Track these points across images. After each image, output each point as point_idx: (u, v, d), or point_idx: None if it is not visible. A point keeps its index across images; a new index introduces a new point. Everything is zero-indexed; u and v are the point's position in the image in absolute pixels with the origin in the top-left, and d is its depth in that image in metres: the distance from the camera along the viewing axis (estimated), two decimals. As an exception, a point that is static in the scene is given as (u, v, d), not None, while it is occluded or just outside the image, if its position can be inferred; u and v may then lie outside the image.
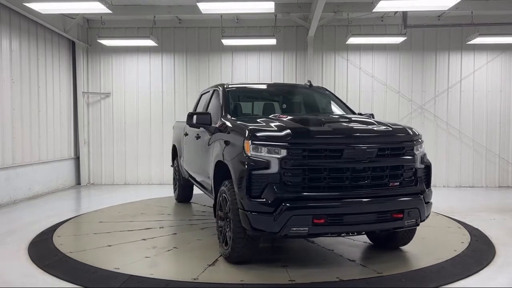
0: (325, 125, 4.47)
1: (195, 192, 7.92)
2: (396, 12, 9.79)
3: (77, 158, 10.89)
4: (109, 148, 11.02)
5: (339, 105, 6.11)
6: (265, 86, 6.93)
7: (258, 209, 3.97)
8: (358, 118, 5.02)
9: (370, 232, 4.75)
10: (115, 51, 10.83)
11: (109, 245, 5.25)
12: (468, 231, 5.99)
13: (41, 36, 9.43)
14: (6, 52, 8.26)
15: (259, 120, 4.82)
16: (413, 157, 4.37)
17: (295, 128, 4.26)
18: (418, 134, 4.57)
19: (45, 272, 4.42)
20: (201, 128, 5.78)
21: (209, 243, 5.34)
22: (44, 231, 6.03)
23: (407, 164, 4.32)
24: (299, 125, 4.39)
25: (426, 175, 4.51)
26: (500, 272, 4.48)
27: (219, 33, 10.12)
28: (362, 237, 5.42)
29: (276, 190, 3.94)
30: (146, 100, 10.91)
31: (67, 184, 10.47)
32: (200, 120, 5.47)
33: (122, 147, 10.99)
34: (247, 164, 4.06)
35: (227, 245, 4.48)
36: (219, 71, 10.81)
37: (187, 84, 10.86)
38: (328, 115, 5.66)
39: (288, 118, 4.68)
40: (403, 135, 4.46)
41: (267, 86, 6.90)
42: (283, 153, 4.00)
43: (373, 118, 5.31)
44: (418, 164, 4.43)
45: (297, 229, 3.92)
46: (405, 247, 5.10)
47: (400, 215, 4.18)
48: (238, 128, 4.55)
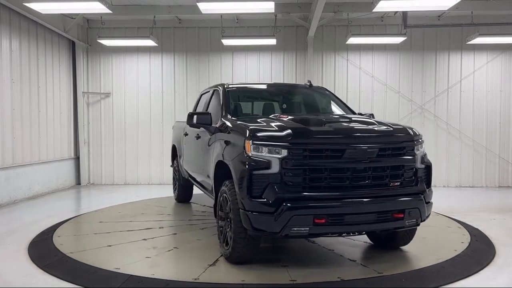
0: (326, 125, 4.47)
1: (195, 192, 7.91)
2: (396, 12, 9.79)
3: (77, 158, 10.89)
4: (109, 148, 11.02)
5: (339, 105, 6.11)
6: (265, 86, 6.93)
7: (259, 209, 3.98)
8: (359, 118, 5.02)
9: (371, 232, 4.75)
10: (115, 51, 10.83)
11: (109, 245, 5.25)
12: (468, 231, 5.99)
13: (41, 36, 9.43)
14: (6, 52, 8.25)
15: (259, 120, 4.81)
16: (413, 157, 4.37)
17: (296, 128, 4.26)
18: (419, 134, 4.58)
19: (45, 272, 4.41)
20: (201, 128, 5.78)
21: (209, 243, 5.34)
22: (44, 231, 6.03)
23: (407, 164, 4.33)
24: (300, 125, 4.39)
25: (427, 175, 4.51)
26: (500, 272, 4.48)
27: (219, 33, 10.12)
28: (362, 237, 5.42)
29: (277, 190, 3.94)
30: (146, 100, 10.91)
31: (67, 184, 10.46)
32: (201, 120, 5.47)
33: (122, 147, 10.99)
34: (248, 164, 4.06)
35: (228, 245, 4.48)
36: (219, 71, 10.81)
37: (187, 84, 10.86)
38: (329, 115, 5.67)
39: (289, 118, 4.68)
40: (403, 135, 4.46)
41: (267, 86, 6.90)
42: (284, 153, 4.00)
43: (373, 118, 5.31)
44: (419, 164, 4.43)
45: (298, 229, 3.92)
46: (405, 247, 5.10)
47: (401, 215, 4.19)
48: (239, 128, 4.55)
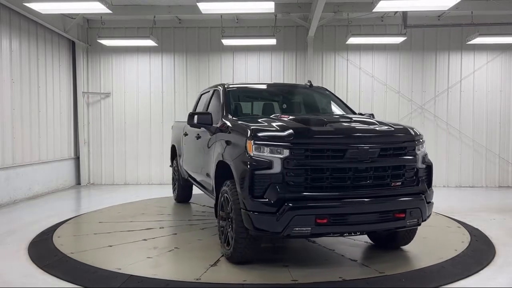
0: (328, 125, 4.47)
1: (194, 192, 7.91)
2: (396, 12, 9.80)
3: (77, 158, 10.88)
4: (109, 148, 11.01)
5: (339, 105, 6.11)
6: (265, 86, 6.92)
7: (260, 209, 3.97)
8: (360, 118, 5.02)
9: (372, 232, 4.75)
10: (115, 51, 10.82)
11: (110, 246, 5.24)
12: (468, 231, 5.99)
13: (41, 36, 9.42)
14: (6, 52, 8.25)
15: (260, 120, 4.81)
16: (414, 157, 4.38)
17: (297, 128, 4.25)
18: (420, 134, 4.58)
19: (45, 272, 4.41)
20: (201, 128, 5.77)
21: (210, 243, 5.33)
22: (44, 231, 6.02)
23: (408, 164, 4.33)
24: (301, 125, 4.39)
25: (427, 175, 4.52)
26: (500, 272, 4.49)
27: (219, 33, 10.12)
28: (363, 237, 5.42)
29: (279, 190, 3.94)
30: (146, 100, 10.90)
31: (67, 184, 10.45)
32: (201, 120, 5.47)
33: (122, 147, 10.98)
34: (250, 164, 4.05)
35: (229, 245, 4.48)
36: (219, 71, 10.80)
37: (187, 84, 10.86)
38: (330, 115, 5.67)
39: (290, 118, 4.68)
40: (404, 135, 4.46)
41: (268, 86, 6.90)
42: (285, 153, 4.00)
43: (374, 118, 5.31)
44: (420, 164, 4.44)
45: (299, 229, 3.92)
46: (406, 247, 5.10)
47: (402, 215, 4.19)
48: (240, 128, 4.55)
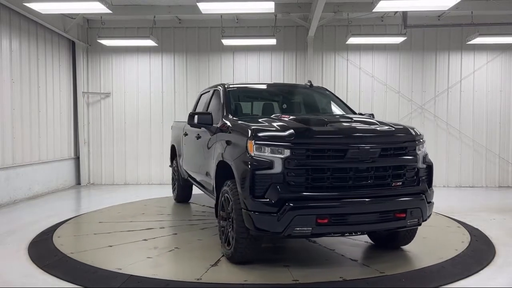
0: (328, 125, 4.47)
1: (194, 192, 7.91)
2: (396, 12, 9.80)
3: (77, 158, 10.87)
4: (109, 148, 11.01)
5: (339, 105, 6.11)
6: (266, 86, 6.92)
7: (261, 209, 3.97)
8: (360, 118, 5.02)
9: (372, 231, 4.75)
10: (115, 51, 10.82)
11: (110, 246, 5.24)
12: (468, 231, 6.00)
13: (41, 36, 9.41)
14: (6, 52, 8.24)
15: (261, 120, 4.81)
16: (415, 157, 4.38)
17: (298, 128, 4.25)
18: (420, 134, 4.59)
19: (45, 272, 4.41)
20: (202, 128, 5.77)
21: (210, 243, 5.33)
22: (44, 231, 6.02)
23: (409, 164, 4.34)
24: (302, 125, 4.38)
25: (428, 175, 4.52)
26: (500, 272, 4.49)
27: (219, 33, 10.12)
28: (363, 237, 5.41)
29: (280, 190, 3.94)
30: (146, 100, 10.90)
31: (67, 184, 10.45)
32: (202, 120, 5.47)
33: (122, 147, 10.97)
34: (251, 164, 4.05)
35: (230, 245, 4.48)
36: (219, 71, 10.80)
37: (187, 84, 10.85)
38: (330, 115, 5.67)
39: (290, 118, 4.67)
40: (405, 135, 4.47)
41: (268, 86, 6.90)
42: (286, 153, 4.00)
43: (374, 118, 5.31)
44: (420, 164, 4.44)
45: (300, 229, 3.92)
46: (406, 247, 5.10)
47: (403, 215, 4.19)
48: (241, 128, 4.54)
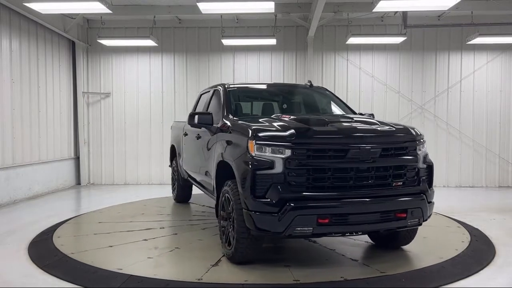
0: (329, 125, 4.47)
1: (194, 192, 7.91)
2: (396, 12, 9.80)
3: (77, 158, 10.87)
4: (109, 148, 11.00)
5: (339, 105, 6.11)
6: (266, 86, 6.92)
7: (262, 209, 3.97)
8: (361, 118, 5.02)
9: (373, 231, 4.75)
10: (115, 51, 10.82)
11: (110, 246, 5.23)
12: (468, 231, 6.00)
13: (41, 36, 9.41)
14: (6, 52, 8.24)
15: (262, 120, 4.81)
16: (415, 157, 4.39)
17: (299, 128, 4.25)
18: (421, 134, 4.59)
19: (45, 272, 4.41)
20: (202, 128, 5.76)
21: (210, 243, 5.33)
22: (44, 231, 6.02)
23: (410, 164, 4.34)
24: (303, 125, 4.38)
25: (428, 175, 4.52)
26: (500, 272, 4.49)
27: (219, 33, 10.11)
28: (363, 237, 5.42)
29: (281, 190, 3.94)
30: (146, 100, 10.89)
31: (67, 184, 10.44)
32: (202, 120, 5.46)
33: (122, 147, 10.97)
34: (251, 164, 4.05)
35: (230, 245, 4.47)
36: (219, 71, 10.80)
37: (187, 84, 10.85)
38: (331, 115, 5.68)
39: (291, 118, 4.67)
40: (406, 135, 4.47)
41: (268, 86, 6.90)
42: (287, 153, 4.00)
43: (374, 118, 5.31)
44: (421, 164, 4.44)
45: (301, 229, 3.92)
46: (406, 247, 5.11)
47: (404, 215, 4.19)
48: (242, 128, 4.54)
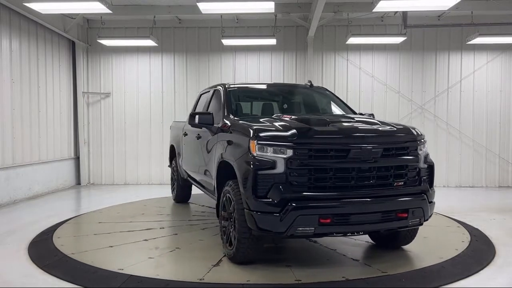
0: (330, 125, 4.47)
1: (193, 192, 7.91)
2: (396, 12, 9.80)
3: (77, 158, 10.86)
4: (109, 148, 11.00)
5: (339, 105, 6.12)
6: (266, 86, 6.92)
7: (264, 209, 3.97)
8: (362, 118, 5.02)
9: (374, 231, 4.75)
10: (115, 51, 10.81)
11: (110, 246, 5.23)
12: (468, 231, 6.00)
13: (41, 36, 9.40)
14: (6, 52, 8.23)
15: (263, 120, 4.80)
16: (417, 156, 4.39)
17: (301, 128, 4.25)
18: (421, 134, 4.60)
19: (45, 272, 4.41)
20: (202, 128, 5.76)
21: (211, 243, 5.33)
22: (44, 231, 6.02)
23: (411, 164, 4.34)
24: (305, 125, 4.38)
25: (429, 175, 4.52)
26: (500, 272, 4.49)
27: (219, 33, 10.11)
28: (364, 237, 5.42)
29: (282, 190, 3.93)
30: (146, 100, 10.89)
31: (67, 184, 10.43)
32: (203, 120, 5.46)
33: (122, 147, 10.96)
34: (253, 164, 4.04)
35: (232, 245, 4.47)
36: (219, 71, 10.80)
37: (187, 84, 10.85)
38: (331, 115, 5.68)
39: (292, 118, 4.67)
40: (407, 135, 4.48)
41: (268, 86, 6.89)
42: (289, 153, 3.99)
43: (374, 118, 5.31)
44: (422, 163, 4.45)
45: (303, 229, 3.92)
46: (406, 246, 5.11)
47: (405, 215, 4.20)
48: (243, 128, 4.53)
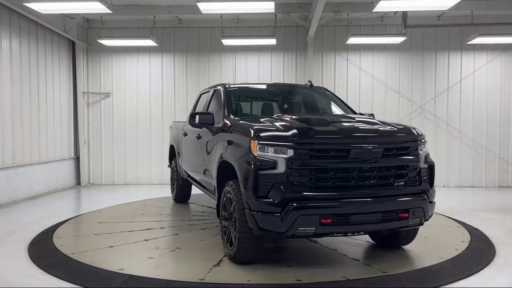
0: (331, 125, 4.47)
1: (193, 192, 7.91)
2: (396, 12, 9.81)
3: (77, 158, 10.86)
4: (109, 148, 11.00)
5: (339, 105, 6.12)
6: (266, 86, 6.91)
7: (265, 209, 3.96)
8: (362, 118, 5.02)
9: (375, 231, 4.75)
10: (115, 51, 10.81)
11: (111, 246, 5.23)
12: (468, 231, 6.00)
13: (41, 36, 9.39)
14: (6, 52, 8.22)
15: (263, 120, 4.80)
16: (417, 156, 4.39)
17: (301, 128, 4.25)
18: (422, 134, 4.60)
19: (45, 272, 4.41)
20: (203, 128, 5.75)
21: (211, 243, 5.33)
22: (44, 231, 6.01)
23: (411, 164, 4.34)
24: (305, 125, 4.38)
25: (430, 175, 4.52)
26: (500, 272, 4.49)
27: (219, 33, 10.11)
28: (364, 237, 5.42)
29: (283, 190, 3.93)
30: (146, 100, 10.89)
31: (67, 184, 10.43)
32: (203, 120, 5.45)
33: (122, 147, 10.96)
34: (254, 164, 4.04)
35: (232, 245, 4.47)
36: (219, 71, 10.80)
37: (187, 84, 10.85)
38: (332, 115, 5.67)
39: (293, 118, 4.67)
40: (407, 135, 4.48)
41: (268, 86, 6.89)
42: (290, 153, 3.99)
43: (374, 118, 5.31)
44: (422, 163, 4.45)
45: (304, 229, 3.92)
46: (406, 246, 5.11)
47: (406, 215, 4.20)
48: (243, 128, 4.53)
